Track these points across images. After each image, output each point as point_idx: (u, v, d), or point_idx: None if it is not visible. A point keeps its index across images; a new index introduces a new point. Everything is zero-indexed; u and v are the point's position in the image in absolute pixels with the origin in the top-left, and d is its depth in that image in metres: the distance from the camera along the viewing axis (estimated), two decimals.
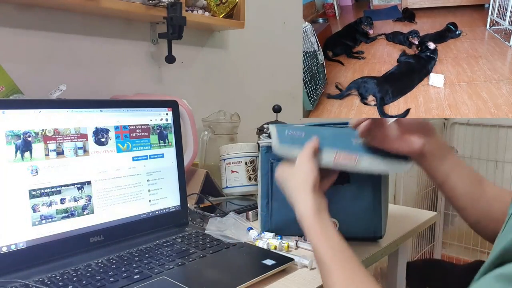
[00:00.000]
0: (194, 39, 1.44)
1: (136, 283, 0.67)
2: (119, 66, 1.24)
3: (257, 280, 0.69)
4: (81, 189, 0.80)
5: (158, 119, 0.93)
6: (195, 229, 0.92)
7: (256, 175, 1.11)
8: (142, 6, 1.12)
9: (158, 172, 0.92)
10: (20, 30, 1.04)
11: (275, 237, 0.87)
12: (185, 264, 0.74)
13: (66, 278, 0.68)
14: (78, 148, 0.80)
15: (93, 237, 0.81)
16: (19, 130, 0.73)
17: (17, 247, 0.72)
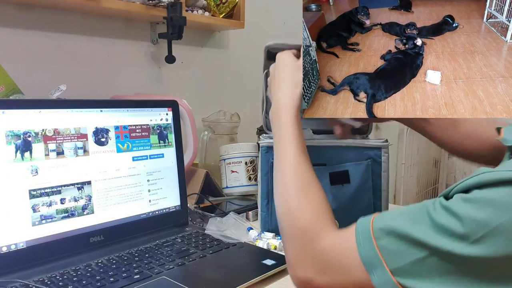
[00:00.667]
0: (194, 39, 1.44)
1: (136, 283, 0.67)
2: (119, 66, 1.24)
3: (257, 280, 0.69)
4: (81, 189, 0.79)
5: (158, 119, 0.93)
6: (195, 229, 0.92)
7: (256, 175, 1.11)
8: (142, 6, 1.12)
9: (158, 172, 0.92)
10: (20, 30, 1.04)
11: (275, 237, 0.87)
12: (185, 264, 0.74)
13: (66, 278, 0.68)
14: (78, 148, 0.80)
15: (93, 237, 0.81)
16: (19, 130, 0.73)
17: (17, 247, 0.72)
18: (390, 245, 0.48)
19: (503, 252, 0.42)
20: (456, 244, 0.44)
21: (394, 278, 0.47)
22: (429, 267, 0.46)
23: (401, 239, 0.48)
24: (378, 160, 0.85)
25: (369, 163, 0.85)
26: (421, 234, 0.46)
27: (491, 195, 0.44)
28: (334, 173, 0.85)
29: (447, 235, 0.45)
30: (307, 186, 0.63)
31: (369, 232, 0.50)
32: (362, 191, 0.85)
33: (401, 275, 0.47)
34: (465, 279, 0.44)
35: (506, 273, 0.43)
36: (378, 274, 0.48)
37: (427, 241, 0.46)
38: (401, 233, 0.48)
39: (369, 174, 0.85)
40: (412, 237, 0.47)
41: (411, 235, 0.47)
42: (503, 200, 0.43)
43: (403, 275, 0.47)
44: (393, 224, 0.49)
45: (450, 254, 0.44)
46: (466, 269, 0.44)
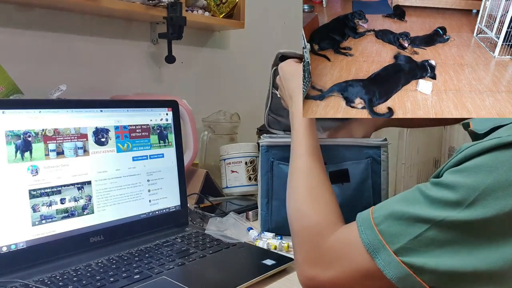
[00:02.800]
0: (194, 39, 1.44)
1: (136, 283, 0.67)
2: (119, 66, 1.24)
3: (257, 280, 0.69)
4: (81, 189, 0.79)
5: (158, 119, 0.93)
6: (195, 229, 0.92)
7: (256, 175, 1.11)
8: (142, 6, 1.12)
9: (158, 172, 0.92)
10: (20, 30, 1.04)
11: (275, 237, 0.87)
12: (185, 264, 0.74)
13: (66, 278, 0.68)
14: (78, 148, 0.80)
15: (93, 237, 0.81)
16: (19, 130, 0.73)
17: (17, 247, 0.72)
18: (390, 227, 0.51)
19: (495, 211, 0.45)
20: (451, 211, 0.47)
21: (397, 257, 0.50)
22: (428, 240, 0.48)
23: (399, 220, 0.51)
24: (377, 159, 0.86)
25: (369, 162, 0.85)
26: (417, 210, 0.49)
27: (477, 162, 0.47)
28: (334, 172, 0.86)
29: (442, 205, 0.48)
30: (316, 188, 0.65)
31: (369, 220, 0.53)
32: (362, 189, 0.86)
33: (403, 254, 0.50)
34: (464, 247, 0.47)
35: (500, 232, 0.46)
36: (382, 256, 0.51)
37: (424, 215, 0.49)
38: (398, 214, 0.51)
39: (369, 173, 0.86)
40: (409, 215, 0.50)
41: (408, 214, 0.50)
42: (488, 163, 0.47)
43: (405, 254, 0.50)
44: (390, 208, 0.52)
45: (446, 222, 0.47)
46: (463, 235, 0.47)
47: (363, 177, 0.86)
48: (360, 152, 0.86)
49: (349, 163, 0.86)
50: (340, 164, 0.86)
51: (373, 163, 0.86)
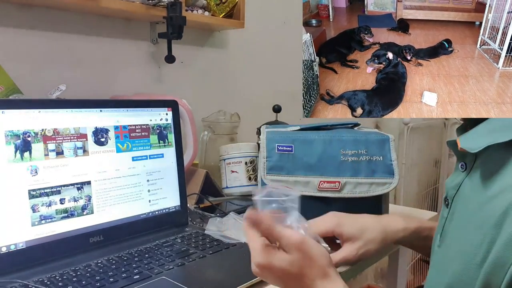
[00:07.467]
0: (194, 39, 1.44)
1: (136, 283, 0.67)
2: (119, 66, 1.24)
3: (257, 280, 0.69)
4: (80, 189, 0.79)
5: (157, 119, 0.92)
6: (195, 229, 0.91)
7: (256, 175, 1.11)
8: (142, 5, 1.12)
9: (158, 172, 0.91)
10: (20, 30, 1.04)
11: None
12: (185, 264, 0.74)
13: (65, 278, 0.68)
14: (78, 148, 0.80)
15: (93, 237, 0.81)
16: (18, 130, 0.73)
17: (16, 247, 0.72)
18: None
19: None
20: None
21: None
22: None
23: None
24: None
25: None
26: None
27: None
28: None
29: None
30: None
31: None
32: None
33: None
34: None
35: None
36: None
37: None
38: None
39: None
40: None
41: None
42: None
43: None
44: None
45: None
46: None
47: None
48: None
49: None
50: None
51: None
